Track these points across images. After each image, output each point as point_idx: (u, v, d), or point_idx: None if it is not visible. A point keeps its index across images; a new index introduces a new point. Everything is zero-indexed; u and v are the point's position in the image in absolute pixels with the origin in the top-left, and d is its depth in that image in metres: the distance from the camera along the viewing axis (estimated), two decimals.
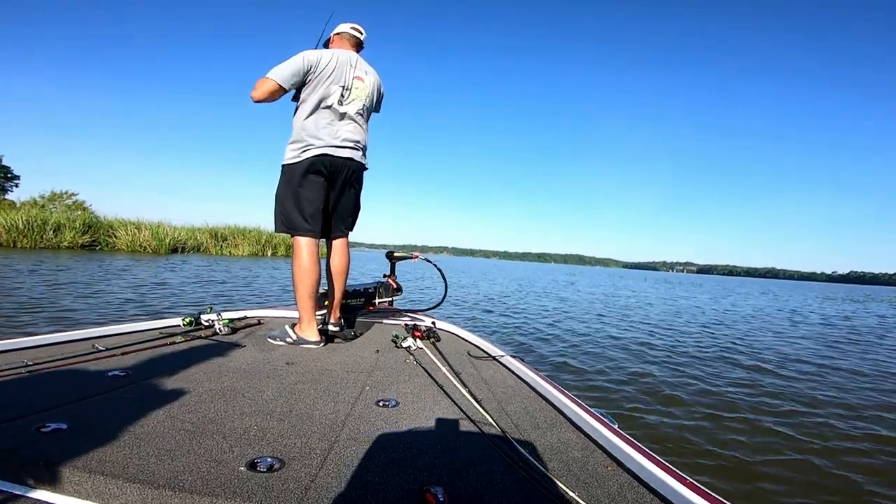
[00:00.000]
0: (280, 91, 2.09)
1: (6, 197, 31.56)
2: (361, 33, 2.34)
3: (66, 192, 31.52)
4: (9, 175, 34.03)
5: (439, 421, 1.27)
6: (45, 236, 15.04)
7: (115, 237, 16.88)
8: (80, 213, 20.36)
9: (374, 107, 2.35)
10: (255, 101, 2.09)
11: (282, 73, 2.06)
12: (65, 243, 15.45)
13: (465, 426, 1.24)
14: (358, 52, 2.33)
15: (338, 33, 2.32)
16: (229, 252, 19.94)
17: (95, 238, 16.53)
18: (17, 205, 24.18)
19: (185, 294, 7.00)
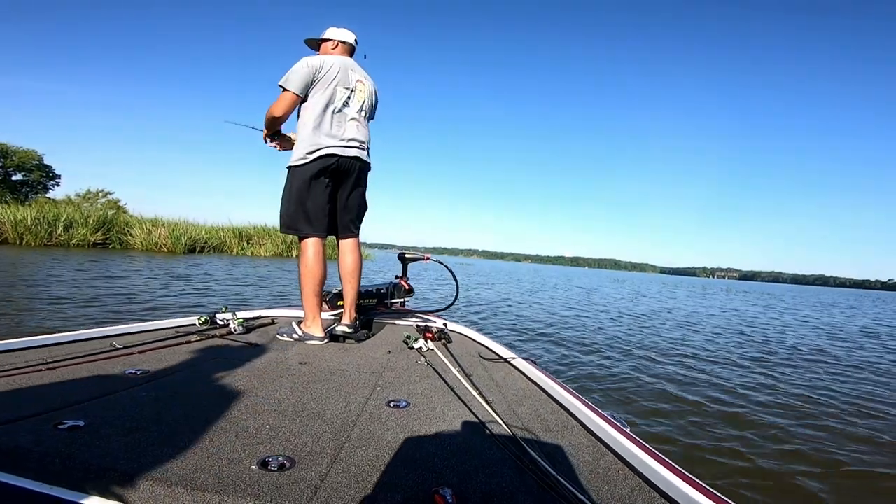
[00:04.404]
0: (298, 101, 2.13)
1: (47, 195, 32.32)
2: (355, 39, 2.36)
3: (100, 191, 32.00)
4: (50, 174, 34.91)
5: (449, 422, 1.24)
6: (54, 233, 14.33)
7: (131, 235, 16.13)
8: (108, 211, 19.94)
9: (372, 110, 2.37)
10: (279, 117, 2.15)
11: (294, 83, 2.08)
12: (74, 241, 14.72)
13: (476, 428, 1.21)
14: (351, 56, 2.35)
15: (341, 41, 2.32)
16: (252, 252, 18.99)
17: (108, 236, 15.79)
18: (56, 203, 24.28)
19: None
